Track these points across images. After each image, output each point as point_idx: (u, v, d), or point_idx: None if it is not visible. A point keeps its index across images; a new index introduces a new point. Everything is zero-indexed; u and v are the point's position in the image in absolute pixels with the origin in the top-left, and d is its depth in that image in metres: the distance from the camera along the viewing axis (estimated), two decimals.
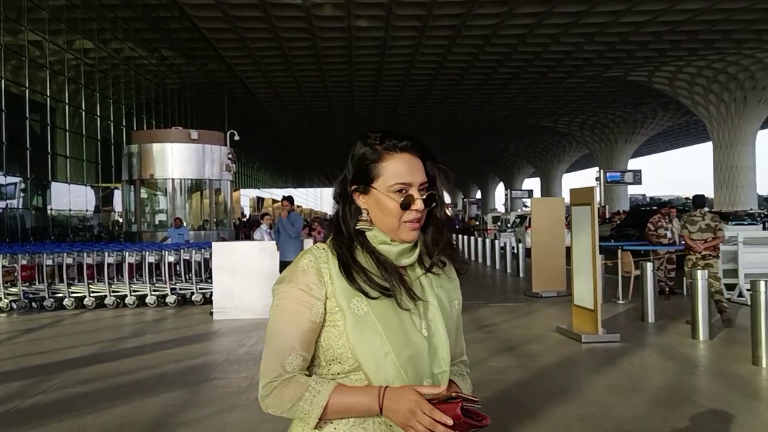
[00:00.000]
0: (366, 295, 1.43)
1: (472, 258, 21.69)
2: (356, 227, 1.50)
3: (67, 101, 24.23)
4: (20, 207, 22.14)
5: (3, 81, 20.15)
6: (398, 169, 1.47)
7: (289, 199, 10.47)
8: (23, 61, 21.36)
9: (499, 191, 78.21)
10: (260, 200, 54.37)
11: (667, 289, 11.45)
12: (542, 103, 40.17)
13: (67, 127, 24.36)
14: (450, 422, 1.30)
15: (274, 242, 10.27)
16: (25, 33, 21.20)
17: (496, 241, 19.61)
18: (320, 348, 1.46)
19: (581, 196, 8.08)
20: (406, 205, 1.46)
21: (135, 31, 27.93)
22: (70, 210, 24.81)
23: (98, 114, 26.71)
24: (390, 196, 1.46)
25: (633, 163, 48.15)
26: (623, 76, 32.30)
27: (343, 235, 1.50)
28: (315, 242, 9.73)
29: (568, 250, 8.91)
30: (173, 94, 34.03)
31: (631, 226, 21.66)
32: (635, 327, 8.87)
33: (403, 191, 1.46)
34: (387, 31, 25.21)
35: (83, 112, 25.36)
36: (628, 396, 5.54)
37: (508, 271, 16.87)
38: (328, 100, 38.56)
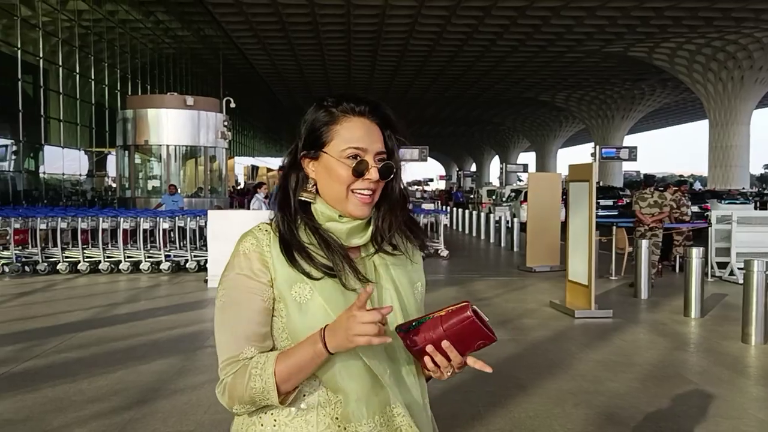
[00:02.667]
0: (308, 276, 1.30)
1: (466, 231, 21.73)
2: (299, 198, 1.36)
3: (60, 63, 23.93)
4: (12, 170, 21.98)
5: None
6: (353, 133, 1.33)
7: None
8: (14, 21, 21.03)
9: (494, 164, 78.17)
10: (255, 168, 54.08)
11: (659, 266, 11.52)
12: (540, 78, 39.96)
13: (61, 90, 24.08)
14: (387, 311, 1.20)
15: (271, 211, 10.23)
16: None
17: (491, 215, 19.62)
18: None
19: (580, 173, 8.07)
20: (358, 172, 1.31)
21: None
22: (63, 174, 24.68)
23: (92, 77, 26.41)
24: (342, 161, 1.32)
25: (629, 140, 48.11)
26: (623, 52, 32.11)
27: (289, 208, 1.36)
28: None
29: (563, 225, 8.94)
30: (168, 59, 33.65)
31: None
32: (628, 303, 8.93)
33: (357, 157, 1.32)
34: (386, 0, 24.90)
35: (77, 75, 25.08)
36: (619, 371, 5.60)
37: (503, 245, 16.91)
38: (325, 68, 38.23)
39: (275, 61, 36.50)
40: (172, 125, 19.15)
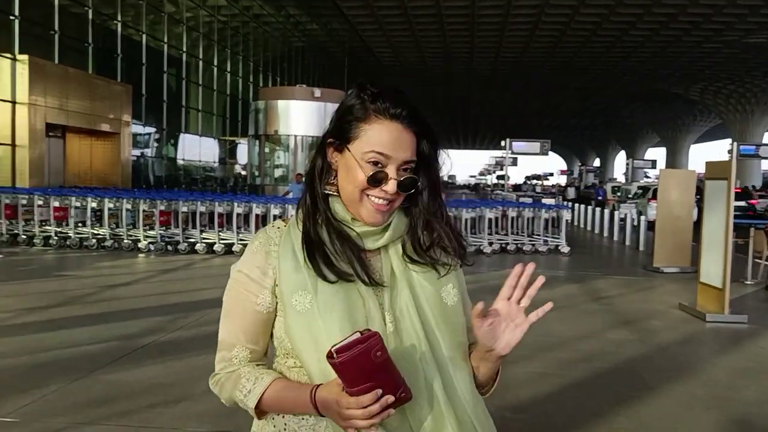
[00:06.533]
0: (324, 278, 1.21)
1: (589, 228, 21.12)
2: (323, 190, 1.28)
3: (200, 56, 25.47)
4: (155, 156, 23.71)
5: (144, 36, 21.46)
6: (380, 138, 1.21)
7: None
8: (162, 17, 22.59)
9: (620, 160, 75.12)
10: None
11: None
12: (673, 69, 37.95)
13: (200, 82, 25.65)
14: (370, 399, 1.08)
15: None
16: None
17: (616, 212, 18.98)
18: (276, 339, 1.30)
19: (718, 170, 7.71)
20: (374, 181, 1.20)
21: None
22: (200, 161, 26.31)
23: (228, 69, 27.90)
24: (361, 164, 1.21)
25: None
26: (766, 43, 29.90)
27: (316, 195, 1.27)
28: None
29: (695, 225, 8.57)
30: (297, 51, 34.92)
31: None
32: (765, 309, 8.44)
33: (378, 164, 1.21)
34: None
35: (215, 68, 26.60)
36: (755, 380, 5.35)
37: (627, 243, 16.34)
38: (447, 59, 38.22)
39: (398, 53, 36.92)
40: (300, 116, 19.95)
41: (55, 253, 11.92)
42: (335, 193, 1.27)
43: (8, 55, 15.56)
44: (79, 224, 12.51)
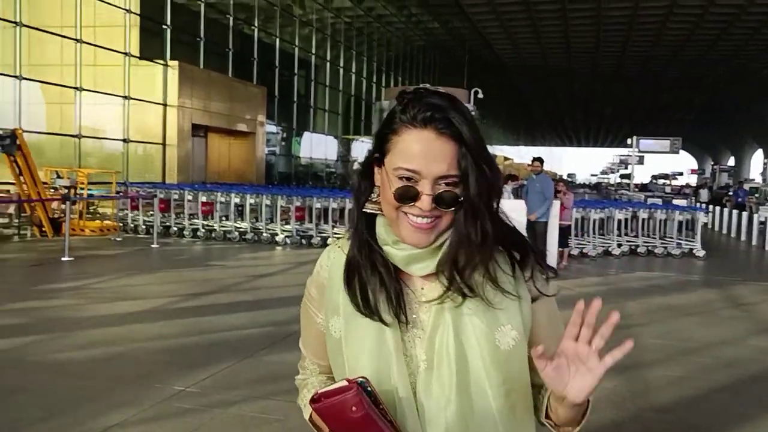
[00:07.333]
0: (357, 310, 1.13)
1: (724, 231, 20.12)
2: (363, 209, 1.14)
3: (327, 57, 26.46)
4: (285, 154, 24.92)
5: (277, 39, 22.61)
6: (409, 151, 1.05)
7: (540, 160, 10.65)
8: (293, 20, 23.67)
9: (757, 159, 70.25)
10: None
11: None
12: None
13: (326, 82, 26.64)
14: None
15: (522, 201, 10.55)
16: None
17: (754, 215, 18.00)
18: None
19: None
20: (403, 199, 1.05)
21: None
22: (325, 159, 27.35)
23: (352, 69, 28.77)
24: (392, 180, 1.06)
25: None
26: None
27: (353, 220, 1.16)
28: (561, 204, 9.78)
29: None
30: (418, 50, 35.39)
31: None
32: None
33: (411, 180, 1.05)
34: None
35: (340, 68, 27.52)
36: None
37: (767, 249, 15.51)
38: (569, 56, 37.46)
39: (519, 49, 36.58)
40: None
41: (202, 244, 12.92)
42: (378, 212, 1.13)
43: (161, 62, 16.96)
44: (223, 218, 13.50)
